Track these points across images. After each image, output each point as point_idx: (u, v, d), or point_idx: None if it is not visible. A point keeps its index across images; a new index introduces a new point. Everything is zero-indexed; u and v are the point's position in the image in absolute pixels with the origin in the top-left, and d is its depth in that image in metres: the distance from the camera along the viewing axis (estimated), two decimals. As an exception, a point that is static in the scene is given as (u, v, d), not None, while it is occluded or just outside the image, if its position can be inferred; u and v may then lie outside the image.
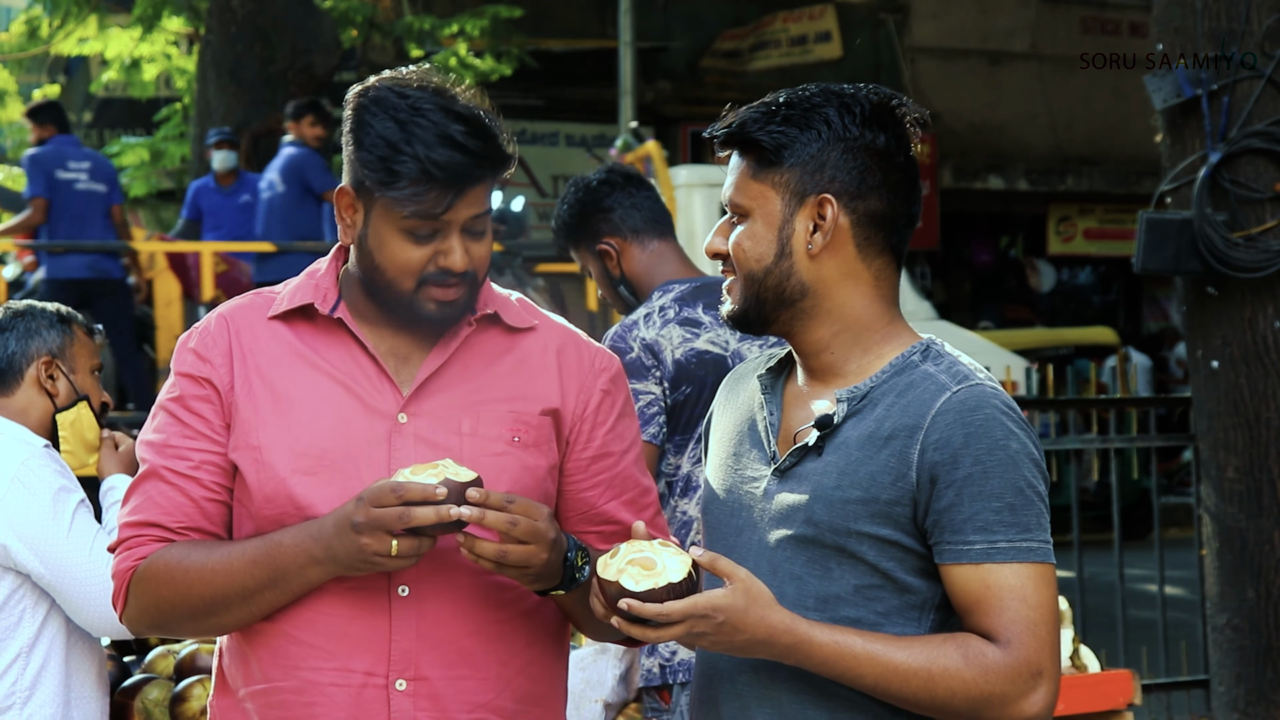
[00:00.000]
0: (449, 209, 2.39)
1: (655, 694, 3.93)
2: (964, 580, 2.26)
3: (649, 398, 3.87)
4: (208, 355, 2.50)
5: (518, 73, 12.03)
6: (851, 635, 2.25)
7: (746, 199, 2.38)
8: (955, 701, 2.24)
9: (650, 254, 4.13)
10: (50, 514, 3.31)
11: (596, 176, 4.22)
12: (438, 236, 2.42)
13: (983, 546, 2.25)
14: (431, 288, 2.43)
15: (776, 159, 2.36)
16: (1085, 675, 4.57)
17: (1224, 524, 6.67)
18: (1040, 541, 2.27)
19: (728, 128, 2.40)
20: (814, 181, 2.35)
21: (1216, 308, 6.58)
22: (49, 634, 3.35)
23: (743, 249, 2.38)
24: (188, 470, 2.46)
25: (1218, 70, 6.43)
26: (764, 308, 2.38)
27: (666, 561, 2.24)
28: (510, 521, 2.30)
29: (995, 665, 2.23)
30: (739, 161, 2.40)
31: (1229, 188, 6.42)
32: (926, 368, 2.34)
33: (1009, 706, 2.24)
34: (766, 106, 2.39)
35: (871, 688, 2.26)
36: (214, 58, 9.75)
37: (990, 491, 2.25)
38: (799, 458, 2.36)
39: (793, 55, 16.73)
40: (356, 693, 2.42)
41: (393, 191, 2.38)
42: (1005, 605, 2.24)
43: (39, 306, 3.57)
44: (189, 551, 2.43)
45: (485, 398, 2.49)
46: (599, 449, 2.56)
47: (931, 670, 2.23)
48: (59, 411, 3.51)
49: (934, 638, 2.27)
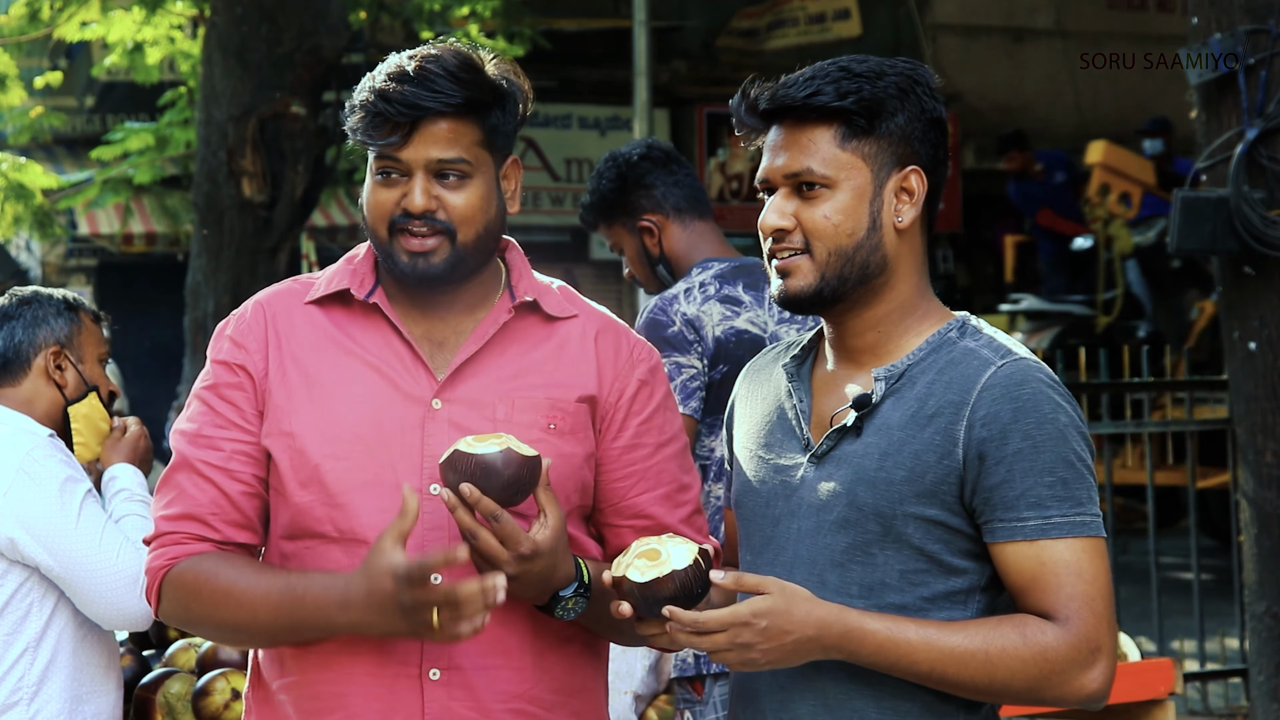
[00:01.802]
0: (403, 145, 2.41)
1: (688, 685, 3.88)
2: (1018, 558, 2.24)
3: (691, 371, 3.80)
4: (243, 342, 2.52)
5: (530, 54, 11.93)
6: (904, 622, 2.22)
7: (833, 169, 2.32)
8: (1015, 683, 2.20)
9: (691, 233, 4.09)
10: (58, 505, 3.24)
11: (636, 151, 4.16)
12: (404, 180, 2.44)
13: (1037, 523, 2.22)
14: (401, 236, 2.45)
15: (869, 128, 2.32)
16: (1125, 664, 4.47)
17: (1262, 509, 6.60)
18: (1092, 515, 2.25)
19: (819, 96, 2.30)
20: (902, 152, 2.34)
21: (1254, 288, 6.49)
22: (56, 628, 3.29)
23: (831, 222, 2.32)
24: (220, 462, 2.48)
25: (1255, 44, 6.31)
26: (845, 284, 2.33)
27: (671, 551, 2.25)
28: (473, 534, 2.29)
29: (1055, 644, 2.21)
30: (815, 131, 2.33)
31: (1267, 165, 6.32)
32: (967, 344, 2.33)
33: (1069, 684, 2.21)
34: (843, 73, 2.31)
35: (926, 675, 2.21)
36: (219, 40, 9.64)
37: (1042, 466, 2.23)
38: (836, 441, 2.34)
39: (811, 33, 16.61)
40: (390, 683, 2.41)
41: (354, 128, 2.43)
42: (1062, 582, 2.22)
43: (45, 293, 3.52)
44: (219, 569, 2.45)
45: (521, 384, 2.50)
46: (632, 439, 2.54)
47: (989, 652, 2.20)
48: (70, 404, 3.45)
49: (988, 620, 2.25)
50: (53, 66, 12.29)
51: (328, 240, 15.43)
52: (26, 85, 10.70)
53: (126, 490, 3.43)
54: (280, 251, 9.92)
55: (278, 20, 9.51)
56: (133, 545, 3.23)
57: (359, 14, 10.88)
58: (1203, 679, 7.61)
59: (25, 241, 16.97)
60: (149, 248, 16.33)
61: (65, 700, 3.27)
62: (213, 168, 9.75)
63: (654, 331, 3.83)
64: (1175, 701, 4.55)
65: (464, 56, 2.45)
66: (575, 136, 16.45)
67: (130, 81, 11.36)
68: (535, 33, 12.26)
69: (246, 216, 9.75)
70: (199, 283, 9.91)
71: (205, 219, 9.88)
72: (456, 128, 2.43)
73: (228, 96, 9.61)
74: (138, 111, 13.99)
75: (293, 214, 9.85)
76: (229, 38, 9.59)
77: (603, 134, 16.58)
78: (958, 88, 18.09)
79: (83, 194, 12.20)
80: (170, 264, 15.96)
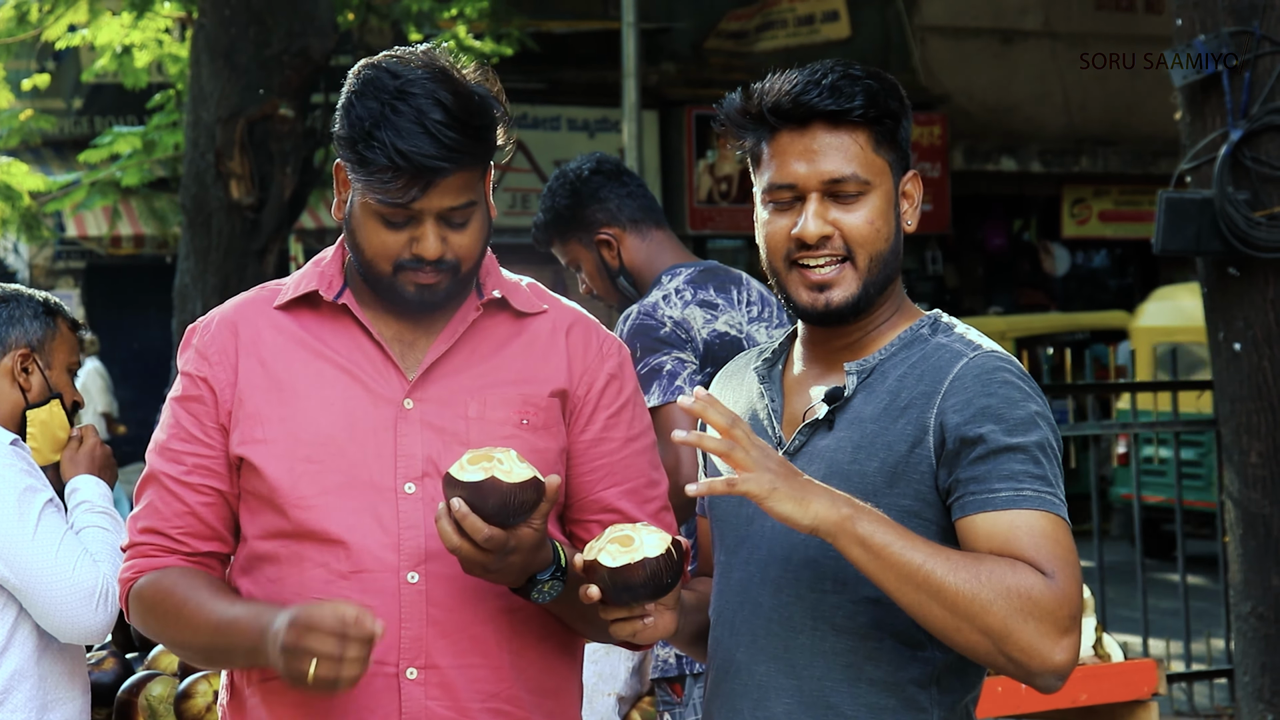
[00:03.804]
0: (417, 199, 2.38)
1: (668, 686, 3.88)
2: (989, 526, 2.18)
3: (693, 366, 3.81)
4: (207, 354, 2.52)
5: (518, 55, 11.94)
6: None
7: (872, 174, 2.33)
8: (994, 610, 2.11)
9: (650, 243, 4.09)
10: (15, 515, 3.17)
11: (586, 166, 4.16)
12: (411, 224, 2.41)
13: (1009, 494, 2.18)
14: (408, 272, 2.43)
15: (894, 133, 2.35)
16: (1109, 665, 4.50)
17: (1247, 510, 6.63)
18: (1061, 499, 2.21)
19: (843, 101, 2.30)
20: (905, 158, 2.38)
21: (1238, 289, 6.51)
22: (20, 636, 3.23)
23: (874, 228, 2.33)
24: (181, 475, 2.50)
25: (1239, 45, 6.33)
26: (879, 290, 2.35)
27: (645, 538, 2.23)
28: (455, 549, 2.29)
29: (1042, 589, 2.13)
30: (850, 136, 2.32)
31: (1251, 166, 6.34)
32: (939, 339, 2.33)
33: (1042, 639, 2.12)
34: (870, 79, 2.33)
35: (916, 568, 2.12)
36: (207, 42, 9.62)
37: (1014, 444, 2.21)
38: (809, 436, 2.33)
39: (800, 35, 16.62)
40: (367, 681, 2.38)
41: (363, 177, 2.38)
42: (1039, 543, 2.16)
43: (27, 294, 3.46)
44: (175, 586, 2.47)
45: (493, 381, 2.49)
46: (599, 433, 2.54)
47: (981, 568, 2.13)
48: (30, 408, 3.40)
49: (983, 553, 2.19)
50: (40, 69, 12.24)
51: (316, 242, 15.42)
52: (14, 87, 10.68)
53: (88, 502, 3.38)
54: (268, 253, 9.90)
55: (266, 22, 9.50)
56: (90, 558, 3.18)
57: (347, 15, 10.86)
58: (1189, 679, 7.62)
59: (13, 244, 16.96)
60: (137, 250, 16.32)
61: (33, 709, 3.22)
62: (201, 170, 9.73)
63: (646, 335, 3.82)
64: (1159, 701, 4.57)
65: (463, 97, 2.39)
66: (564, 138, 16.44)
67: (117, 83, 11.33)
68: (523, 34, 12.25)
69: (234, 218, 9.72)
70: (187, 285, 9.88)
71: (193, 221, 9.85)
72: (467, 176, 2.42)
73: (216, 98, 9.59)
74: (126, 114, 13.97)
75: (281, 216, 9.83)
76: (217, 39, 9.57)
77: (591, 135, 16.58)
78: (946, 89, 18.11)
79: (70, 196, 12.17)
80: (158, 266, 15.96)
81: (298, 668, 2.24)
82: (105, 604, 3.14)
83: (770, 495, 2.14)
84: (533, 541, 2.32)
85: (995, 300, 19.49)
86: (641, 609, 2.29)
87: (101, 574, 3.15)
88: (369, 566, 2.41)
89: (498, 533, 2.26)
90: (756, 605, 2.35)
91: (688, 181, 17.11)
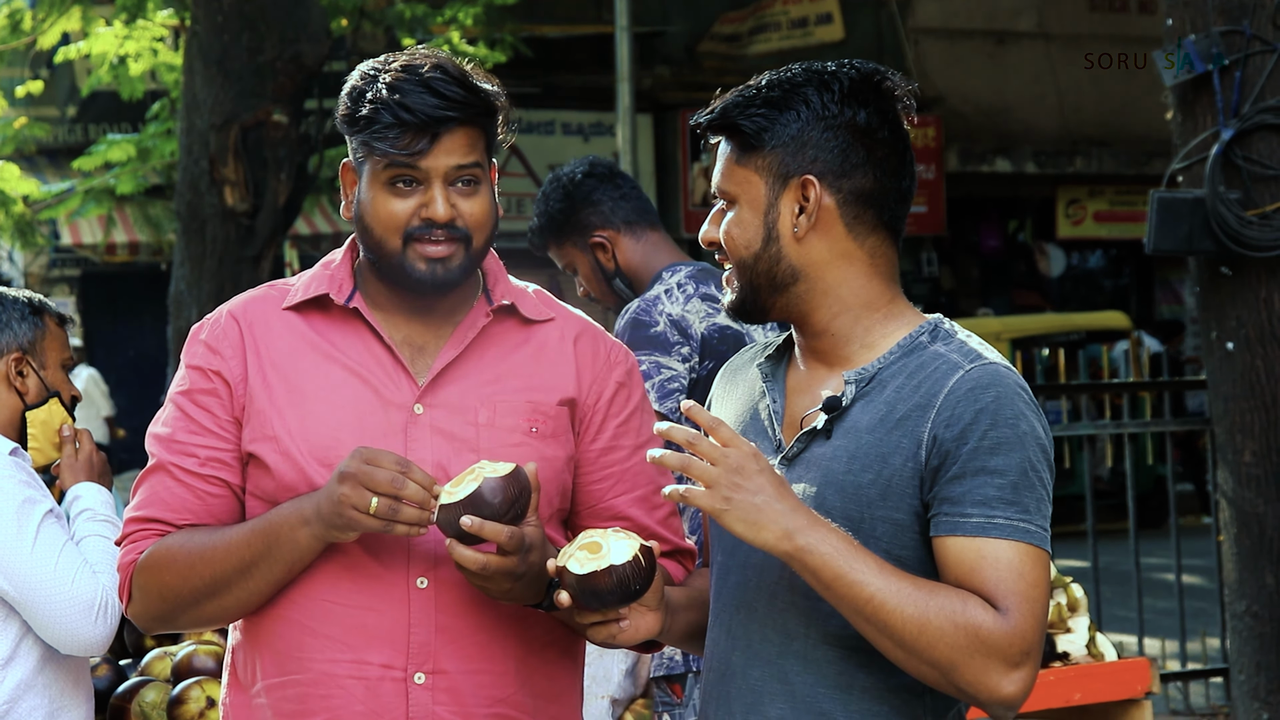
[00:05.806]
0: (424, 155, 2.40)
1: (667, 686, 3.88)
2: (958, 551, 2.20)
3: (670, 372, 3.83)
4: (218, 348, 2.51)
5: (512, 60, 11.93)
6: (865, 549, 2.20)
7: (733, 185, 2.37)
8: (939, 647, 2.15)
9: (645, 244, 4.11)
10: (15, 527, 3.16)
11: (579, 169, 4.19)
12: (420, 189, 2.43)
13: (979, 520, 2.19)
14: (418, 244, 2.43)
15: (758, 142, 2.34)
16: (1102, 664, 4.48)
17: (1241, 509, 6.64)
18: (1039, 526, 2.21)
19: (711, 114, 2.37)
20: (796, 163, 2.33)
21: (1231, 288, 6.53)
22: (27, 645, 3.22)
23: (732, 236, 2.36)
24: (195, 468, 2.48)
25: (1229, 45, 6.35)
26: (759, 295, 2.36)
27: (613, 545, 2.24)
28: (481, 566, 2.30)
29: (991, 627, 2.16)
30: (725, 147, 2.38)
31: (1242, 165, 6.36)
32: (937, 348, 2.31)
33: (989, 674, 2.15)
34: (749, 90, 2.36)
35: (864, 602, 2.15)
36: (201, 49, 9.62)
37: (993, 467, 2.20)
38: (806, 443, 2.33)
39: (793, 38, 16.64)
40: (374, 685, 2.40)
41: (369, 138, 2.41)
42: (1002, 576, 2.18)
43: (10, 296, 3.44)
44: (191, 535, 2.45)
45: (502, 388, 2.49)
46: (609, 441, 2.55)
47: (929, 605, 2.15)
48: (29, 409, 3.39)
49: (940, 584, 2.21)
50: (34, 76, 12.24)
51: (311, 248, 15.41)
52: (8, 95, 10.67)
53: (90, 510, 3.36)
54: (263, 260, 9.91)
55: (259, 28, 9.50)
56: (90, 570, 3.17)
57: (340, 21, 10.86)
58: (1185, 678, 7.62)
59: (8, 252, 16.96)
60: (132, 257, 16.31)
61: (41, 717, 3.22)
62: (195, 176, 9.73)
63: (636, 331, 3.85)
64: (1154, 700, 4.57)
65: (457, 64, 2.46)
66: (558, 142, 16.45)
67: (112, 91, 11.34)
68: (517, 39, 12.26)
69: (229, 225, 9.73)
70: (182, 292, 9.88)
71: (188, 228, 9.85)
72: (471, 135, 2.44)
73: (209, 105, 9.59)
74: (120, 121, 13.97)
75: (275, 222, 9.84)
76: (210, 46, 9.57)
77: (586, 139, 16.58)
78: (940, 91, 18.11)
79: (65, 204, 12.17)
80: (153, 273, 15.94)
81: (360, 500, 2.28)
82: (105, 616, 3.14)
83: (722, 515, 2.17)
84: (540, 536, 2.33)
85: (991, 302, 19.47)
86: (615, 613, 2.30)
87: (101, 586, 3.14)
88: (378, 572, 2.42)
89: (516, 530, 2.28)
90: (751, 610, 2.35)
91: (682, 185, 17.12)
